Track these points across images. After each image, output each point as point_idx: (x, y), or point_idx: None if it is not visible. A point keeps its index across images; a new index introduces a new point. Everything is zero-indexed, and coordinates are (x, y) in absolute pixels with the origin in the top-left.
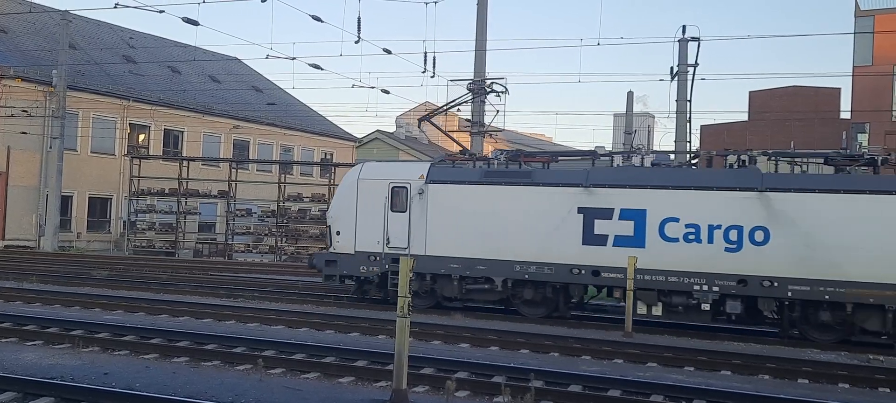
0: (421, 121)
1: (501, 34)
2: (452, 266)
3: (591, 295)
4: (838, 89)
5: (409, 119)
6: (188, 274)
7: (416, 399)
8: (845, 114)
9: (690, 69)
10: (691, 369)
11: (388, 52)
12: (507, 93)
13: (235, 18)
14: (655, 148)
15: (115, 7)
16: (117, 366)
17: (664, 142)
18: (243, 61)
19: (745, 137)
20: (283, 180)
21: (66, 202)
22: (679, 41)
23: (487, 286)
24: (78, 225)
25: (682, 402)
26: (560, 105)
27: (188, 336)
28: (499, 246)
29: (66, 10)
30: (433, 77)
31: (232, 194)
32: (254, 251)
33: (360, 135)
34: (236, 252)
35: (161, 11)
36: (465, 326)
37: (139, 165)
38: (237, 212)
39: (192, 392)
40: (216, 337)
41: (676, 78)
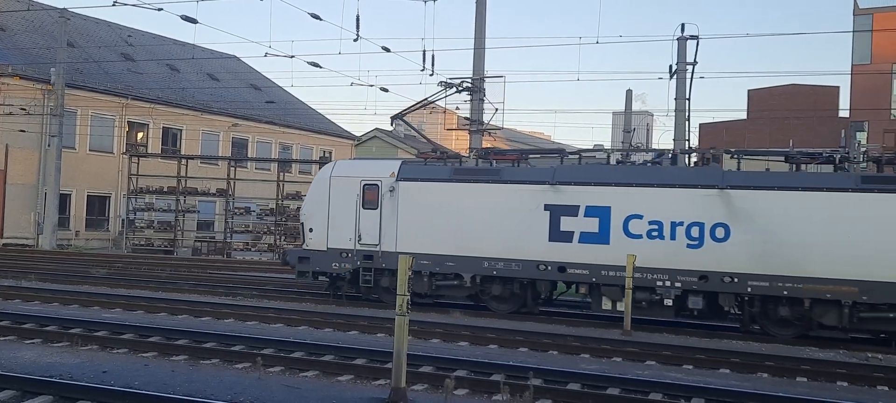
0: (393, 119)
1: (501, 32)
2: (423, 262)
3: (560, 291)
4: (837, 88)
5: (407, 117)
6: (187, 272)
7: (414, 398)
8: (844, 112)
9: (689, 67)
10: (690, 367)
11: (387, 50)
12: (479, 91)
13: (234, 16)
14: (654, 146)
15: (114, 5)
16: (116, 365)
17: (663, 140)
18: (242, 59)
19: (744, 136)
20: (281, 178)
21: (64, 200)
22: (678, 39)
23: (457, 282)
24: (76, 224)
25: (681, 400)
26: (559, 103)
27: (187, 334)
28: (468, 242)
29: (64, 8)
30: (432, 75)
31: (230, 192)
32: (252, 249)
33: (358, 134)
34: (235, 250)
35: (159, 9)
36: (464, 325)
37: (137, 163)
38: (236, 211)
39: (191, 391)
40: (215, 336)
41: (675, 76)
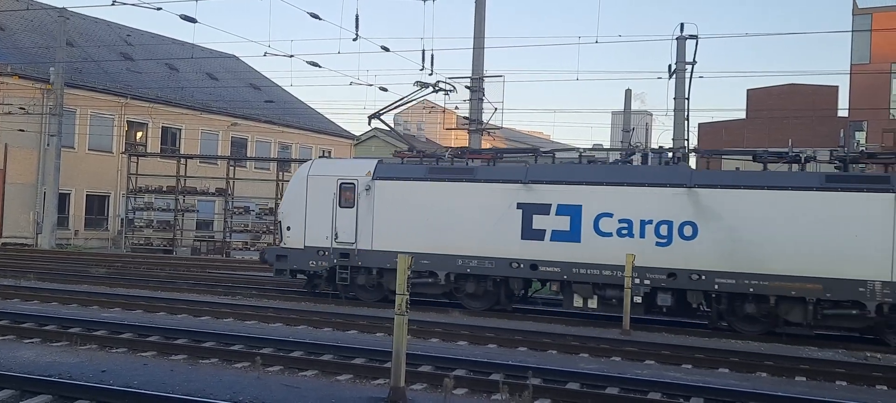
0: (371, 118)
1: (499, 31)
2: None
3: (535, 289)
4: (836, 87)
5: (407, 117)
6: (186, 271)
7: (414, 397)
8: (843, 112)
9: (688, 67)
10: (689, 366)
11: (387, 49)
12: (455, 91)
13: (233, 16)
14: (653, 145)
15: (113, 4)
16: (115, 364)
17: (662, 139)
18: (241, 59)
19: (742, 135)
20: (281, 178)
21: (63, 199)
22: (677, 39)
23: (431, 279)
24: (75, 223)
25: (681, 400)
26: (558, 102)
27: (186, 333)
28: (442, 240)
29: (63, 8)
30: (431, 74)
31: (230, 191)
32: (252, 248)
33: (357, 133)
34: (234, 249)
35: (158, 9)
36: (464, 324)
37: (137, 163)
38: (235, 210)
39: (190, 390)
40: (214, 335)
41: (675, 76)
